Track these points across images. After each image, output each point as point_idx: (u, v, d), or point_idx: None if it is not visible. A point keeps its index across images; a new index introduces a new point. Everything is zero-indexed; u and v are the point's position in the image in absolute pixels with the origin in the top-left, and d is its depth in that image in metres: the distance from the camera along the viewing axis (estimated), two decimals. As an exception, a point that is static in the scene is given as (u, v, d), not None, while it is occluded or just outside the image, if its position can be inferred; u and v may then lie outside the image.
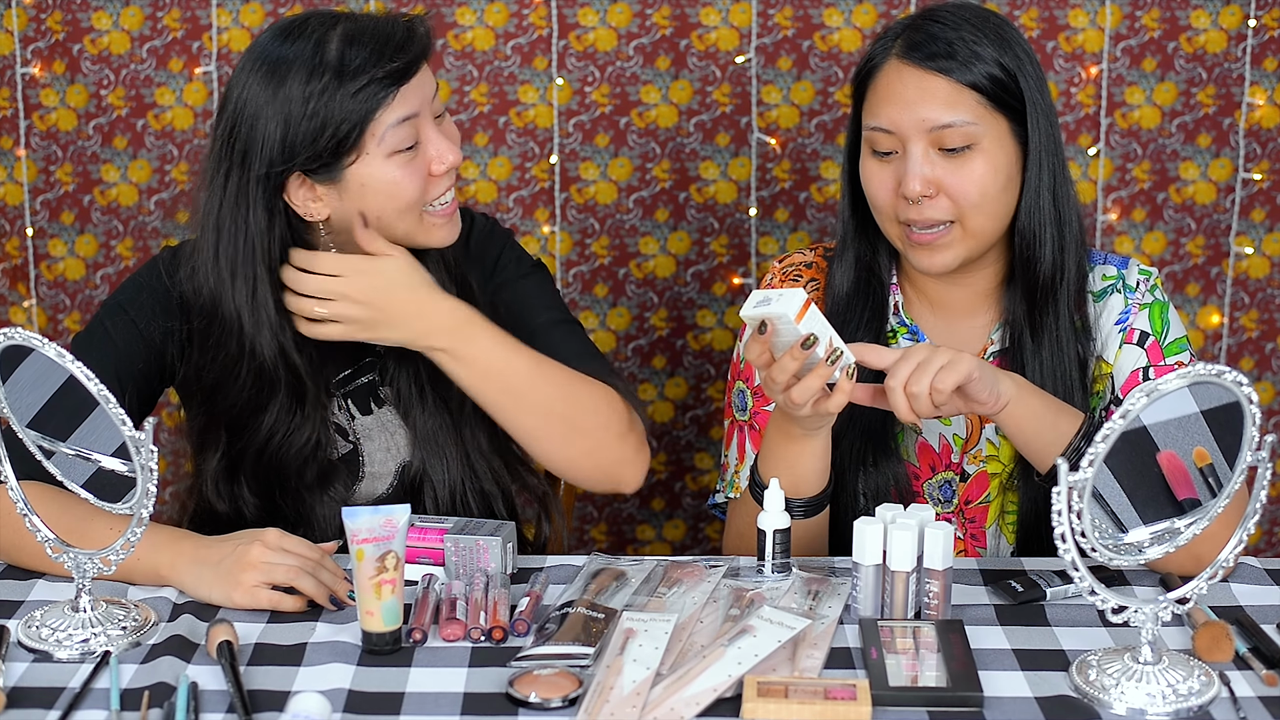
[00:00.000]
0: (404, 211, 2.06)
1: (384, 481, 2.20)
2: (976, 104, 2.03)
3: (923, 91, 2.03)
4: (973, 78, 2.02)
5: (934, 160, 2.03)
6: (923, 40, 2.05)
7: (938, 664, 1.74)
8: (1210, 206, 2.90)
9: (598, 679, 1.70)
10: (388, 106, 2.01)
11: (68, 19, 2.82)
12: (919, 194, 2.02)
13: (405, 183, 2.04)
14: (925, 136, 2.03)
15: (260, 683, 1.73)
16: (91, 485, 1.85)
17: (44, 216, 2.89)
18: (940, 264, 2.07)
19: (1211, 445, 1.71)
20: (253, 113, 2.01)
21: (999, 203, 2.05)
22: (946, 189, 2.03)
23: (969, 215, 2.04)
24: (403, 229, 2.08)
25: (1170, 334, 2.13)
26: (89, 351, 2.07)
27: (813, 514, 2.06)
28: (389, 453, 2.20)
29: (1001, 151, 2.05)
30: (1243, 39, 2.83)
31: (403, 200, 2.05)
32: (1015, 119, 2.06)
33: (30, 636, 1.82)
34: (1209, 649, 1.78)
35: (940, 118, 2.02)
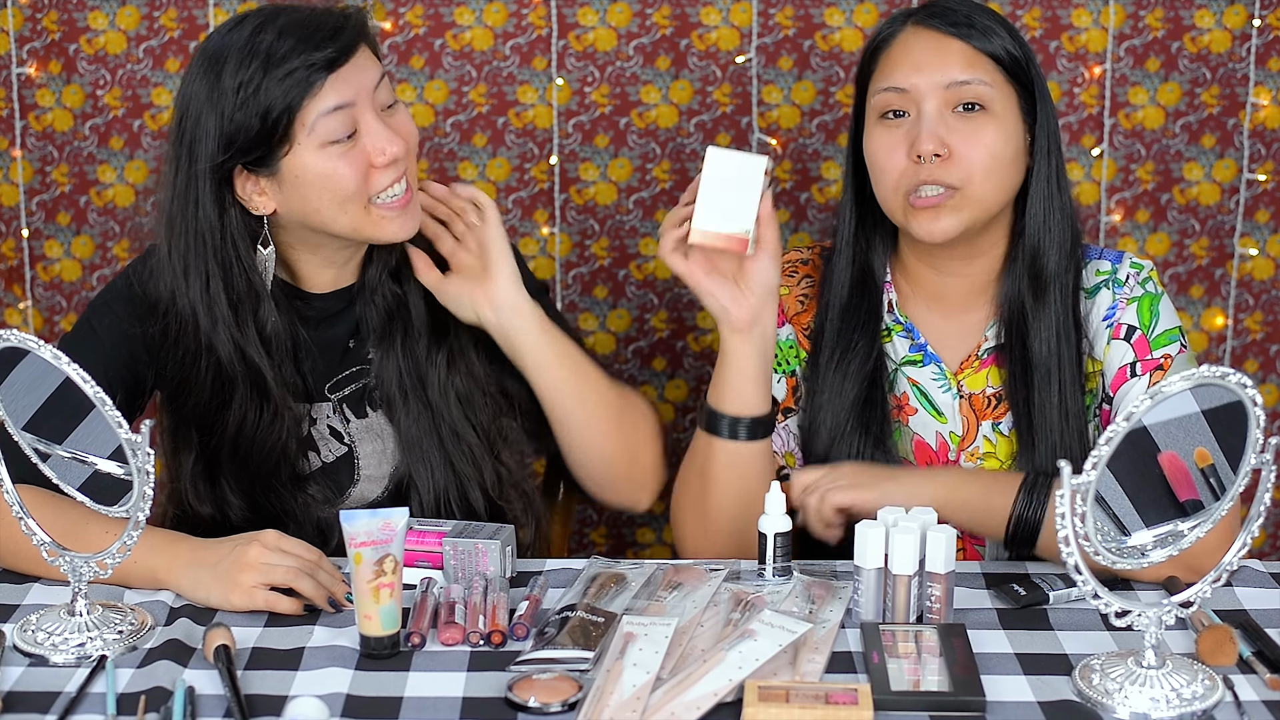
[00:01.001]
0: (344, 204, 2.03)
1: (379, 485, 2.19)
2: (993, 69, 2.07)
3: (941, 51, 2.07)
4: (990, 47, 2.07)
5: (948, 121, 2.06)
6: (940, 10, 2.10)
7: (940, 668, 1.74)
8: (1214, 208, 2.90)
9: (597, 683, 1.70)
10: (315, 94, 1.99)
11: (64, 19, 2.82)
12: (931, 152, 2.04)
13: (342, 174, 2.02)
14: (940, 94, 2.06)
15: (257, 687, 1.73)
16: (88, 488, 1.85)
17: (40, 217, 2.89)
18: (941, 230, 2.07)
19: (1213, 446, 1.71)
20: (196, 106, 2.02)
21: (1005, 173, 2.07)
22: (956, 151, 2.05)
23: (975, 180, 2.05)
24: (347, 222, 2.05)
25: (1159, 326, 2.12)
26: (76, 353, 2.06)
27: (754, 436, 2.10)
28: (383, 456, 2.19)
29: (1012, 122, 2.08)
30: (1247, 39, 2.82)
31: (340, 193, 2.03)
32: (1025, 100, 2.09)
33: (26, 641, 1.82)
34: (1213, 653, 1.77)
35: (957, 74, 2.06)
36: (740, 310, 2.05)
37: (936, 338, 2.19)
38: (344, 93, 2.01)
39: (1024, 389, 2.11)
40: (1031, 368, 2.10)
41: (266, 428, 2.11)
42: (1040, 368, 2.10)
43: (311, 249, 2.14)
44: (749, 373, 2.08)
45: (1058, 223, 2.11)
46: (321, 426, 2.17)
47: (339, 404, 2.18)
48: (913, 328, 2.19)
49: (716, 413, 2.10)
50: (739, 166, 2.00)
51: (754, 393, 2.09)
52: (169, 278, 2.07)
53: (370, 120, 2.04)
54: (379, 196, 2.04)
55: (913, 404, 2.17)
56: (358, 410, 2.19)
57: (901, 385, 2.18)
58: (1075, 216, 2.15)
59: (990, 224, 2.12)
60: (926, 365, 2.17)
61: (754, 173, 2.00)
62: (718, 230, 2.00)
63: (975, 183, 2.05)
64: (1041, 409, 2.09)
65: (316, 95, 1.99)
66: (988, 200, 2.07)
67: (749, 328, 2.06)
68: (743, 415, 2.09)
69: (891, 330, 2.20)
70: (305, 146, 2.01)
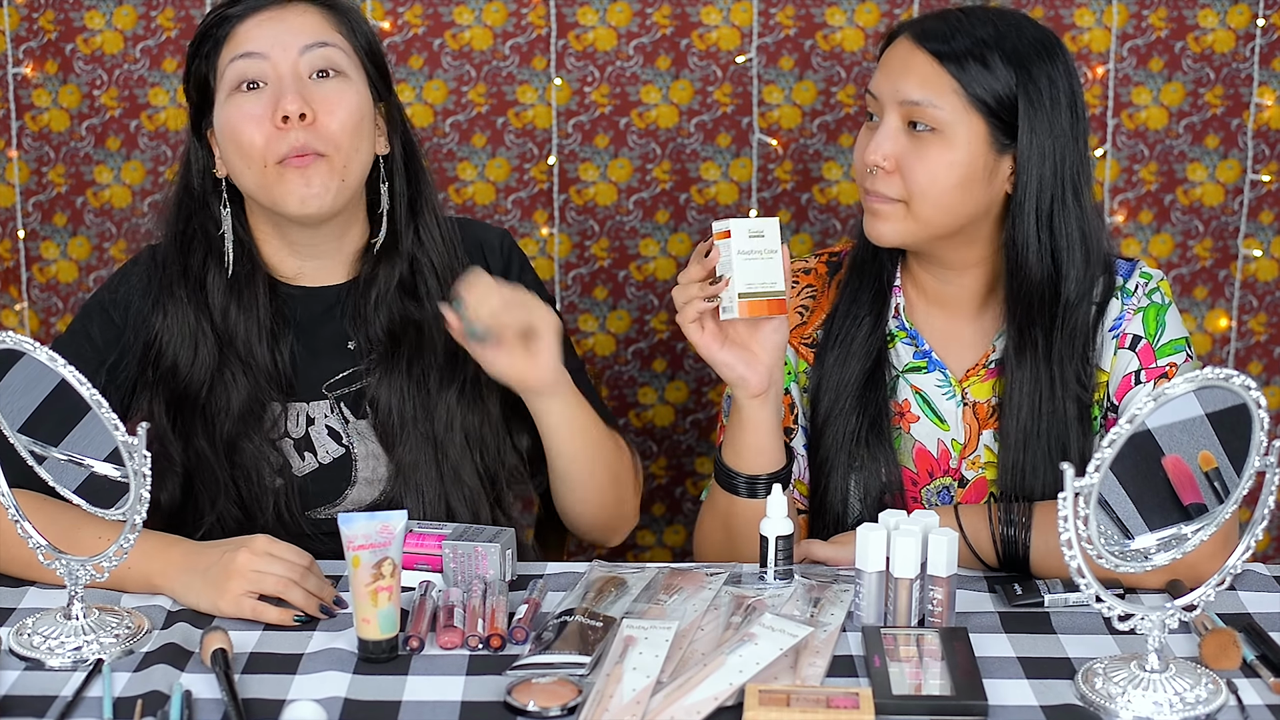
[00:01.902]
0: (248, 160, 2.04)
1: (375, 488, 2.17)
2: (953, 94, 2.03)
3: (906, 65, 2.06)
4: (960, 70, 2.03)
5: (900, 138, 2.05)
6: (932, 25, 2.08)
7: (942, 672, 1.74)
8: (1218, 208, 2.89)
9: (597, 687, 1.69)
10: (230, 39, 2.05)
11: (60, 18, 2.81)
12: (875, 163, 2.05)
13: (239, 125, 2.03)
14: (898, 109, 2.06)
15: (255, 691, 1.72)
16: (84, 491, 1.84)
17: (36, 218, 2.88)
18: (881, 235, 2.09)
19: (1217, 449, 1.70)
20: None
21: (950, 197, 2.05)
22: (902, 167, 2.05)
23: (915, 200, 2.05)
24: (251, 180, 2.05)
25: (1165, 335, 2.11)
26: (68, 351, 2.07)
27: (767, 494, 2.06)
28: (380, 459, 2.18)
29: (967, 150, 2.04)
30: (1251, 39, 2.82)
31: (241, 145, 2.03)
32: (1003, 127, 2.05)
33: (22, 644, 1.81)
34: (1216, 656, 1.77)
35: (911, 93, 2.04)
36: (756, 376, 2.03)
37: (942, 344, 2.18)
38: (258, 42, 2.04)
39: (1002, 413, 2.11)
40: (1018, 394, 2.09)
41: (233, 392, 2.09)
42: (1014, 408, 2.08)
43: (271, 227, 2.13)
44: (765, 433, 2.07)
45: (1042, 260, 2.07)
46: (320, 427, 2.16)
47: (336, 403, 2.17)
48: (917, 334, 2.18)
49: (737, 473, 2.08)
50: (757, 231, 1.99)
51: (771, 448, 2.08)
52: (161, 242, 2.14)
53: (287, 79, 2.03)
54: (284, 162, 2.02)
55: (914, 411, 2.16)
56: (356, 410, 2.17)
57: (903, 393, 2.17)
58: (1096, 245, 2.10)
59: (967, 240, 2.11)
60: (931, 372, 2.16)
61: (772, 231, 2.00)
62: (759, 299, 1.99)
63: (914, 201, 2.05)
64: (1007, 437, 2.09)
65: (231, 40, 2.05)
66: (931, 221, 2.07)
67: (765, 391, 2.04)
68: (762, 473, 2.08)
69: (895, 337, 2.19)
70: (220, 93, 2.06)
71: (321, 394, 2.16)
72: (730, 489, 2.09)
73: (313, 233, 2.12)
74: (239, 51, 2.05)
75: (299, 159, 2.02)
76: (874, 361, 2.15)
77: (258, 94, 2.04)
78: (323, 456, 2.15)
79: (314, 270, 2.17)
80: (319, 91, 2.04)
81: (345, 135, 2.05)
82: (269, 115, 2.02)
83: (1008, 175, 2.07)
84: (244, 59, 2.04)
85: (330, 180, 2.04)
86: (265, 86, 2.04)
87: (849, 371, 2.14)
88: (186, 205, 2.14)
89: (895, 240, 2.09)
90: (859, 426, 2.13)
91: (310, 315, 2.17)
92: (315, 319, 2.17)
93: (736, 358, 2.03)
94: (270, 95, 2.03)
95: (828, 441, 2.14)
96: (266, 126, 2.02)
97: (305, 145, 2.02)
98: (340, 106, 2.05)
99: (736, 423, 2.07)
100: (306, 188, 2.03)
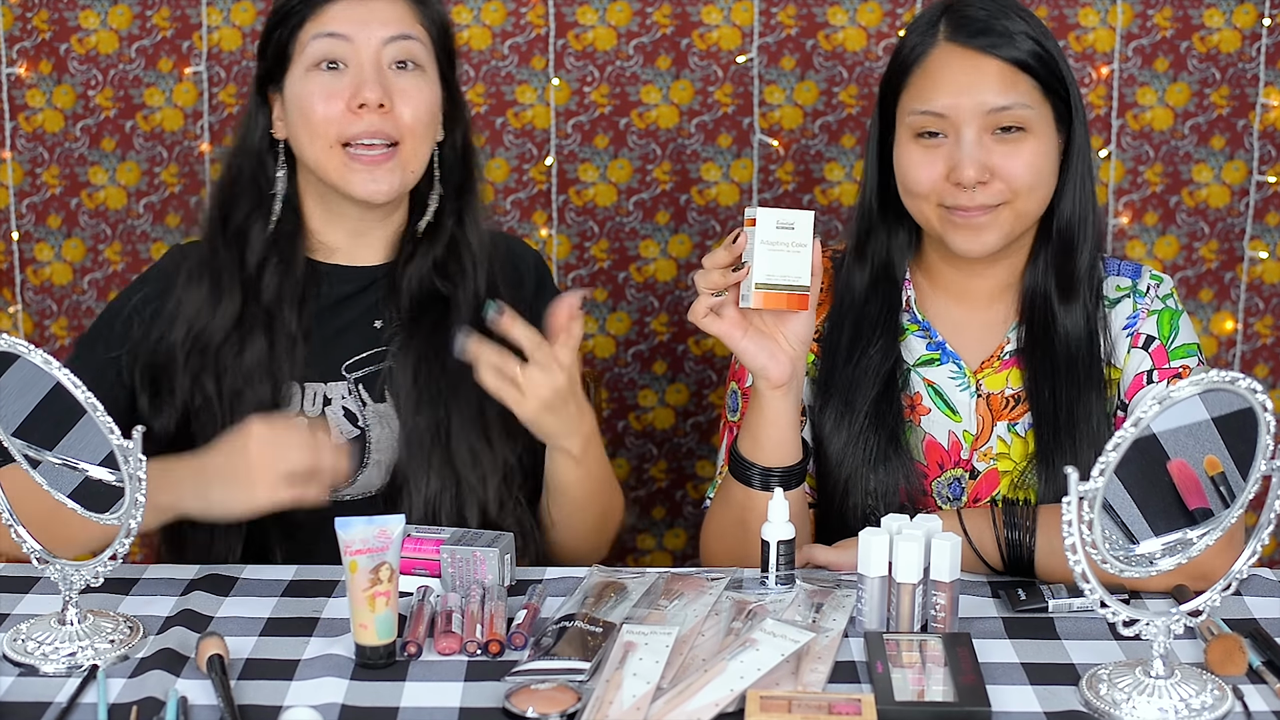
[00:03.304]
0: (315, 137, 2.07)
1: (384, 472, 2.16)
2: (1031, 87, 2.06)
3: (978, 73, 2.05)
4: (1023, 57, 2.06)
5: (988, 145, 2.06)
6: (966, 22, 2.08)
7: (945, 678, 1.73)
8: (1224, 210, 2.89)
9: (597, 693, 1.68)
10: (316, 15, 2.07)
11: (54, 18, 2.81)
12: (975, 180, 2.04)
13: (313, 102, 2.07)
14: (980, 119, 2.05)
15: (251, 697, 1.71)
16: (79, 495, 1.83)
17: (30, 220, 2.88)
18: (983, 245, 2.09)
19: (1223, 453, 1.70)
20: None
21: (1046, 187, 2.09)
22: (1000, 173, 2.05)
23: (1021, 198, 2.07)
24: (315, 156, 2.09)
25: (1178, 339, 2.13)
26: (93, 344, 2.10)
27: (787, 485, 2.07)
28: (393, 444, 2.16)
29: (1049, 136, 2.08)
30: (1257, 39, 2.82)
31: (311, 121, 2.07)
32: (1059, 106, 2.09)
33: (16, 650, 1.80)
34: (1222, 662, 1.76)
35: (997, 100, 2.05)
36: (779, 367, 2.02)
37: (956, 336, 2.18)
38: (345, 24, 2.07)
39: (1049, 386, 2.11)
40: (1056, 366, 2.11)
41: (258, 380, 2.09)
42: (1065, 365, 2.10)
43: (318, 199, 2.15)
44: (785, 425, 2.06)
45: (1090, 222, 2.13)
46: (336, 408, 2.14)
47: (355, 385, 2.16)
48: (929, 326, 2.18)
49: (755, 465, 2.08)
50: (787, 223, 1.98)
51: (790, 441, 2.08)
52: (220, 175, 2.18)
53: (368, 66, 2.06)
54: (353, 144, 2.06)
55: (926, 403, 2.16)
56: (374, 394, 2.16)
57: (915, 385, 2.17)
58: (1099, 212, 2.17)
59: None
60: (944, 364, 2.17)
61: (804, 225, 1.99)
62: (778, 290, 1.98)
63: (1019, 200, 2.07)
64: (1069, 407, 2.09)
65: (317, 16, 2.07)
66: (1030, 214, 2.10)
67: (788, 382, 2.04)
68: (780, 466, 2.07)
69: (907, 330, 2.19)
70: (298, 65, 2.08)
71: (340, 375, 2.15)
72: (744, 480, 2.08)
73: (363, 212, 2.15)
74: (324, 30, 2.08)
75: (369, 157, 2.07)
76: (886, 384, 2.15)
77: (337, 75, 2.08)
78: (336, 436, 2.12)
79: (351, 248, 2.19)
80: (397, 82, 2.09)
81: (420, 126, 2.10)
82: (345, 97, 2.06)
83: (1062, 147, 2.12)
84: (328, 38, 2.08)
85: (395, 172, 2.10)
86: (345, 69, 2.08)
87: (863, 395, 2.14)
88: (239, 160, 2.17)
89: (998, 245, 2.09)
90: (877, 442, 2.13)
91: (339, 294, 2.18)
92: (343, 298, 2.18)
93: (760, 347, 2.02)
94: (350, 79, 2.07)
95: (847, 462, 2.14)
96: (339, 107, 2.07)
97: (378, 130, 2.07)
98: (416, 99, 2.10)
99: (756, 413, 2.06)
100: (374, 183, 2.08)
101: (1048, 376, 2.11)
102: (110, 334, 2.15)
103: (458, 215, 2.20)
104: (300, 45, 2.09)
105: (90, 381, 1.78)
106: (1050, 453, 2.08)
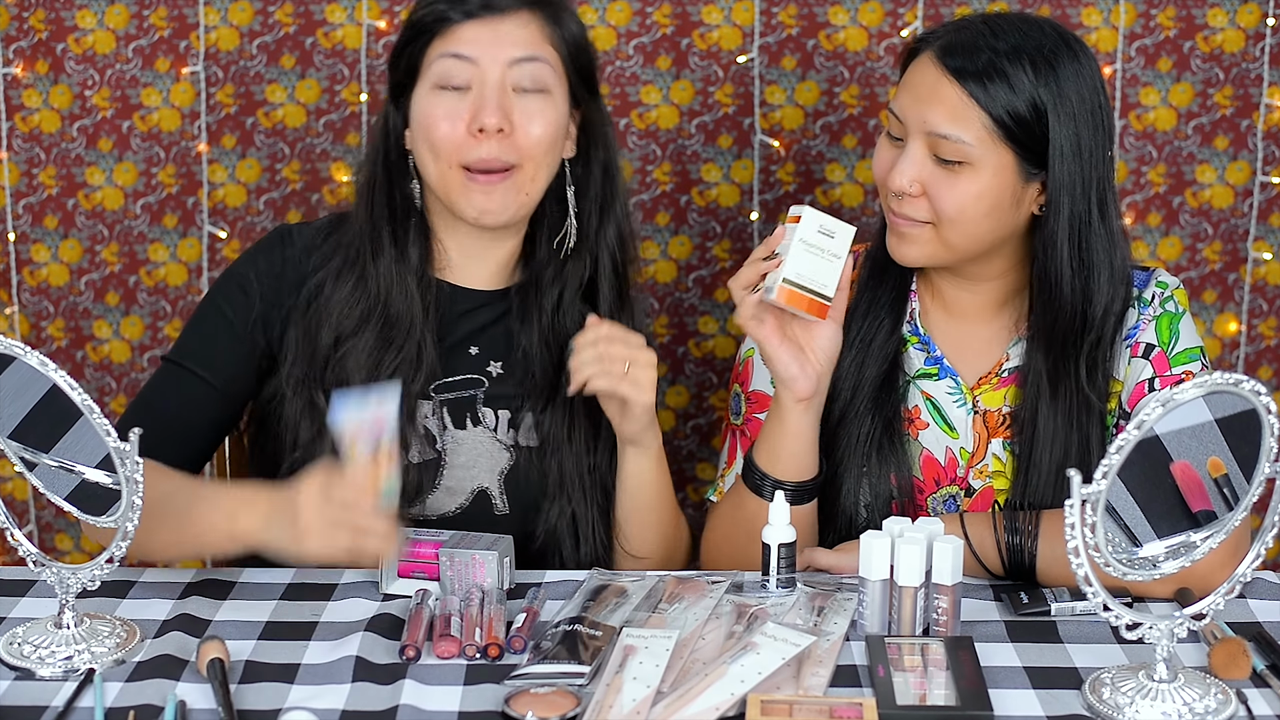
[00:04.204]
0: (435, 156, 2.06)
1: (457, 499, 2.14)
2: (981, 128, 2.02)
3: (935, 95, 2.04)
4: (989, 103, 2.01)
5: (927, 163, 2.04)
6: (959, 46, 2.05)
7: (947, 682, 1.73)
8: (1228, 211, 2.88)
9: (597, 697, 1.68)
10: (444, 34, 2.06)
11: (51, 17, 2.80)
12: (902, 189, 2.05)
13: (435, 121, 2.05)
14: (924, 139, 2.04)
15: (251, 701, 1.71)
16: (74, 498, 1.82)
17: (26, 221, 2.87)
18: (907, 257, 2.09)
19: (1226, 455, 1.69)
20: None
21: (979, 226, 2.05)
22: (930, 193, 2.04)
23: (944, 225, 2.05)
24: (434, 175, 2.08)
25: (1179, 344, 2.11)
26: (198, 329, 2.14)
27: (799, 500, 2.06)
28: (469, 472, 2.14)
29: (996, 181, 2.03)
30: (1261, 38, 2.81)
31: (432, 141, 2.05)
32: (1030, 156, 2.04)
33: (12, 654, 1.80)
34: (1226, 666, 1.76)
35: (939, 126, 2.03)
36: (806, 379, 2.03)
37: (955, 351, 2.18)
38: (471, 46, 2.05)
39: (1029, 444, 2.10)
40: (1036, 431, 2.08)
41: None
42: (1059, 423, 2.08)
43: (444, 219, 2.15)
44: (805, 439, 2.06)
45: (1070, 281, 2.06)
46: (417, 424, 2.12)
47: (439, 406, 2.14)
48: (929, 340, 2.18)
49: (768, 477, 2.08)
50: (829, 230, 1.99)
51: (808, 456, 2.08)
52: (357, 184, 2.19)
53: (491, 87, 2.05)
54: (473, 166, 2.05)
55: (924, 418, 2.16)
56: (458, 420, 2.15)
57: (914, 399, 2.16)
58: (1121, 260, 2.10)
59: (989, 256, 2.11)
60: (943, 379, 2.16)
61: (843, 238, 1.99)
62: (802, 292, 1.98)
63: (943, 226, 2.05)
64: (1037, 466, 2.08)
65: (445, 35, 2.06)
66: (959, 247, 2.07)
67: (811, 396, 2.04)
68: (795, 480, 2.07)
69: (908, 342, 2.19)
70: (424, 82, 2.07)
71: (428, 394, 2.13)
72: (756, 490, 2.08)
73: (479, 233, 2.13)
74: (449, 50, 2.06)
75: (485, 176, 2.05)
76: (890, 364, 2.15)
77: (459, 96, 2.06)
78: (412, 455, 2.11)
79: (463, 267, 2.17)
80: (520, 105, 2.07)
81: (539, 150, 2.07)
82: (466, 120, 2.04)
83: (1035, 197, 2.07)
84: (453, 59, 2.06)
85: (512, 196, 2.08)
86: (468, 91, 2.06)
87: (866, 373, 2.15)
88: (389, 168, 2.15)
89: (921, 262, 2.10)
90: (874, 429, 2.13)
91: (442, 312, 2.16)
92: (449, 318, 2.16)
93: (792, 356, 2.03)
94: (472, 102, 2.05)
95: (842, 444, 2.13)
96: (460, 130, 2.05)
97: (497, 158, 2.04)
98: (538, 123, 2.07)
99: (777, 425, 2.06)
100: (488, 202, 2.06)
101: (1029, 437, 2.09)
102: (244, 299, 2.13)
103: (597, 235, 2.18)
104: (427, 63, 2.08)
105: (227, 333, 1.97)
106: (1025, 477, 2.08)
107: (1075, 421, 2.08)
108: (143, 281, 2.85)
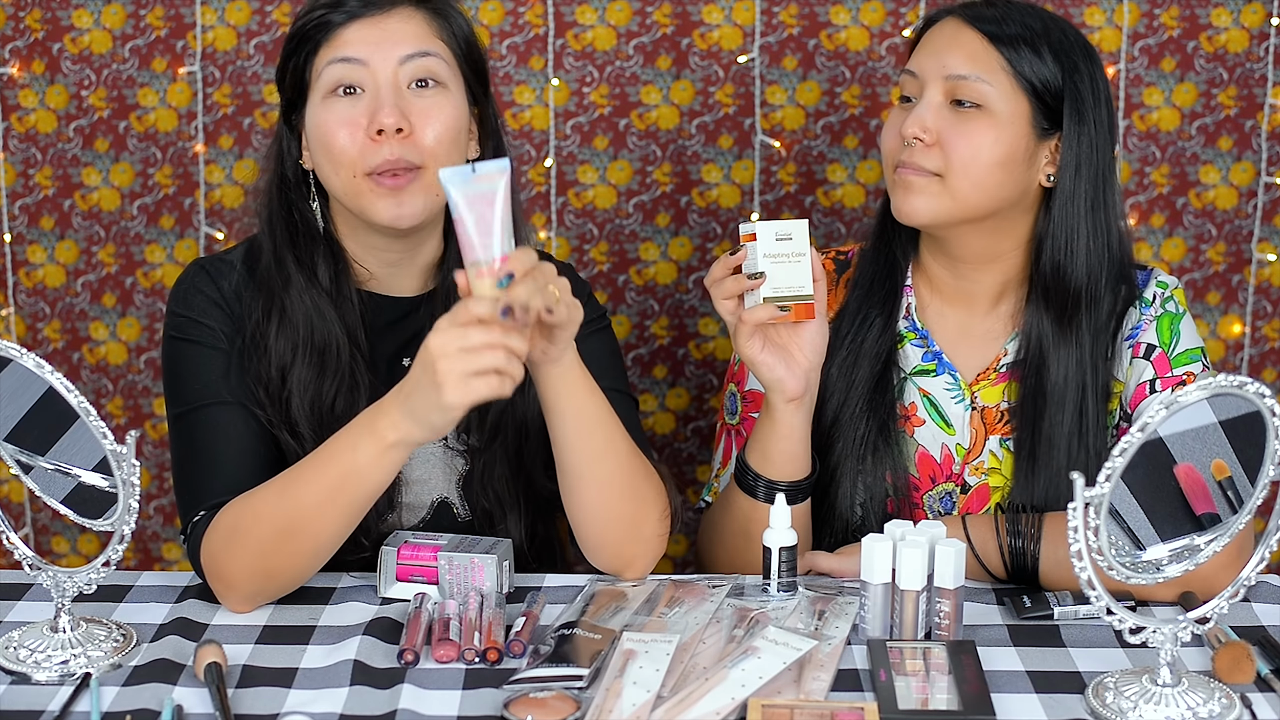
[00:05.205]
0: (337, 166, 2.00)
1: (418, 514, 2.13)
2: (1001, 70, 2.05)
3: (954, 41, 2.07)
4: (1014, 58, 2.05)
5: (943, 113, 2.06)
6: (985, 15, 2.09)
7: (949, 686, 1.73)
8: (1231, 212, 2.88)
9: (596, 702, 1.68)
10: (329, 41, 2.01)
11: (47, 17, 2.79)
12: (914, 135, 2.05)
13: (332, 130, 2.00)
14: (942, 84, 2.06)
15: (249, 706, 1.70)
16: (71, 501, 1.82)
17: (23, 221, 2.86)
18: (915, 210, 2.07)
19: (1230, 457, 1.69)
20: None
21: (990, 176, 2.05)
22: (943, 140, 2.05)
23: (954, 174, 2.05)
24: (339, 186, 2.02)
25: (1180, 345, 2.11)
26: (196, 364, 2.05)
27: (794, 500, 2.05)
28: (427, 485, 2.13)
29: (1011, 129, 2.05)
30: (1265, 38, 2.81)
31: (331, 151, 2.00)
32: (1046, 112, 2.06)
33: (8, 658, 1.79)
34: (1230, 670, 1.75)
35: (958, 68, 2.05)
36: (794, 380, 2.02)
37: (953, 347, 2.17)
38: (358, 48, 2.00)
39: (1033, 414, 2.09)
40: (1045, 396, 2.08)
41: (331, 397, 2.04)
42: (1054, 398, 2.07)
43: (350, 228, 2.10)
44: (797, 439, 2.05)
45: (1090, 250, 2.08)
46: None
47: None
48: (928, 335, 2.18)
49: (761, 478, 2.07)
50: (785, 234, 1.98)
51: (801, 456, 2.07)
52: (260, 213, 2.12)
53: (386, 89, 2.00)
54: (376, 173, 1.99)
55: (920, 415, 2.15)
56: None
57: (910, 395, 2.15)
58: (1121, 248, 2.12)
59: (993, 229, 2.11)
60: (940, 375, 2.16)
61: (800, 233, 1.98)
62: (789, 300, 1.98)
63: (953, 175, 2.05)
64: (1048, 438, 2.07)
65: (330, 41, 2.01)
66: (967, 199, 2.06)
67: (801, 395, 2.03)
68: (788, 480, 2.06)
69: (905, 338, 2.18)
70: (315, 94, 2.03)
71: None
72: (749, 492, 2.07)
73: (391, 240, 2.09)
74: (338, 55, 2.01)
75: (392, 179, 1.99)
76: (884, 364, 2.14)
77: (354, 100, 2.01)
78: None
79: (386, 278, 2.13)
80: (417, 103, 2.02)
81: (441, 148, 2.02)
82: (363, 124, 2.00)
83: (1045, 164, 2.09)
84: (342, 64, 2.01)
85: (421, 196, 2.01)
86: (362, 93, 2.01)
87: (859, 373, 2.14)
88: (285, 195, 2.10)
89: (928, 216, 2.07)
90: (869, 430, 2.12)
91: (371, 325, 2.12)
92: (376, 330, 2.12)
93: (776, 359, 2.01)
94: (367, 104, 2.00)
95: (838, 447, 2.13)
96: (360, 136, 1.99)
97: (399, 159, 1.99)
98: (438, 119, 2.02)
99: (768, 426, 2.05)
100: (399, 207, 2.00)
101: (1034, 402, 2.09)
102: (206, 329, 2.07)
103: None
104: (315, 73, 2.03)
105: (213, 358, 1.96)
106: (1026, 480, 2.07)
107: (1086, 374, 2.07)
108: (139, 283, 2.85)
